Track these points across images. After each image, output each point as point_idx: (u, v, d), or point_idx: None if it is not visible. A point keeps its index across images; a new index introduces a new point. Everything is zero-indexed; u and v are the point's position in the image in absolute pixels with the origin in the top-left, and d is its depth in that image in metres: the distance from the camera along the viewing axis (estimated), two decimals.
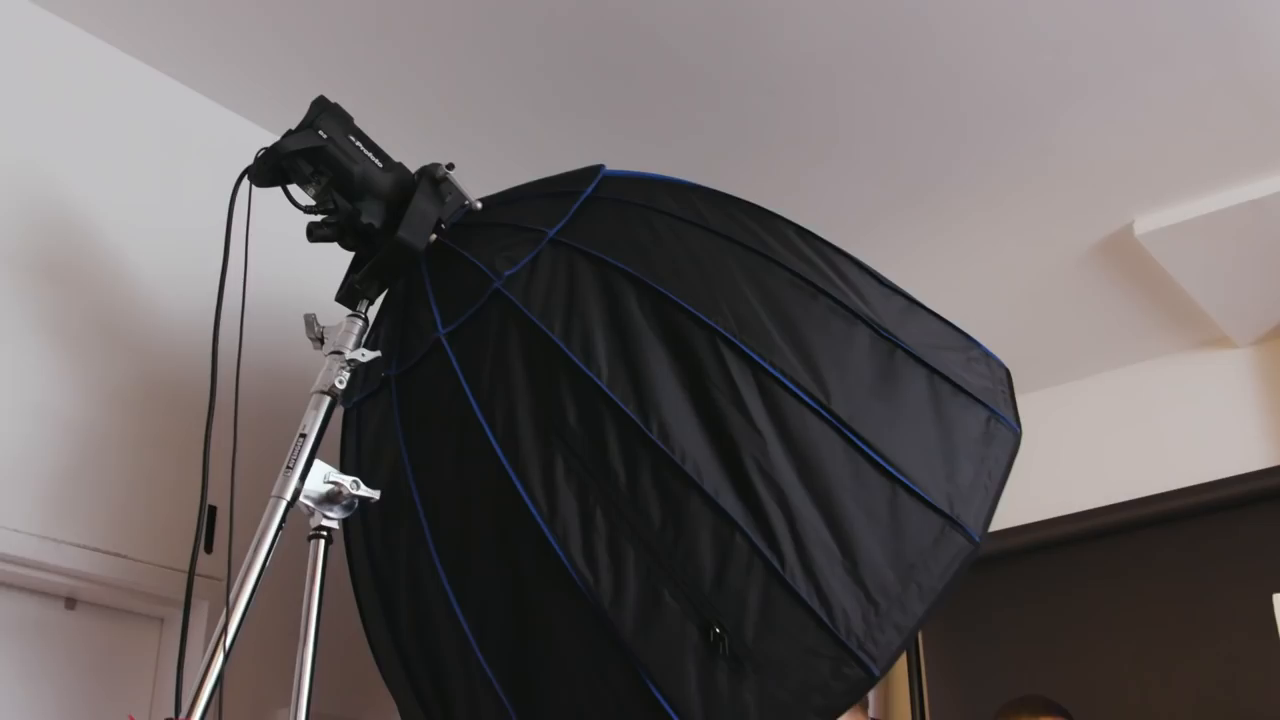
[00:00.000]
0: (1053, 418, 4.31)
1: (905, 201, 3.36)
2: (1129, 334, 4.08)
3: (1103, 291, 3.81)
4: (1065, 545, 4.01)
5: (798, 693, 1.70)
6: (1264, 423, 3.99)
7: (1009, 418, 1.99)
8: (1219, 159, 3.23)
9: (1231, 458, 3.92)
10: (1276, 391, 4.01)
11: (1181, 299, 3.82)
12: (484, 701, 1.91)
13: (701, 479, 1.77)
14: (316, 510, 1.85)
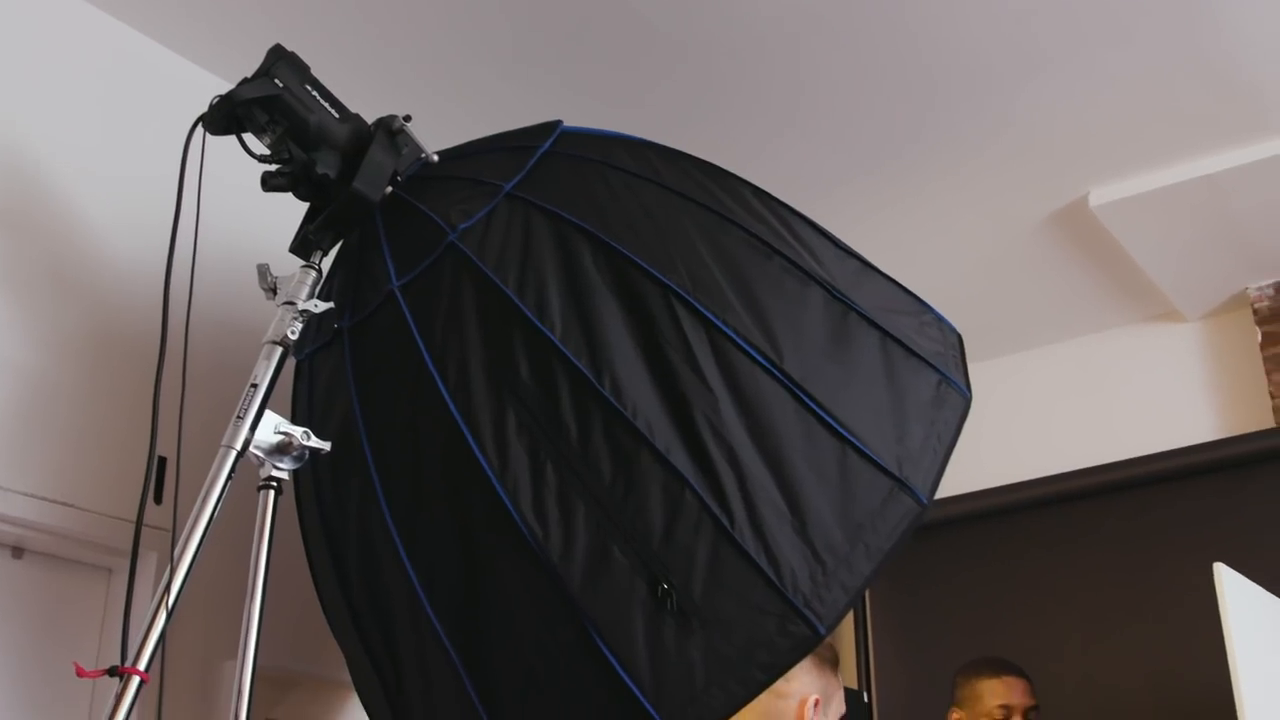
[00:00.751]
0: (1004, 386, 4.35)
1: (865, 169, 3.37)
2: (1081, 306, 4.12)
3: (1056, 263, 3.85)
4: (1014, 512, 4.05)
5: (743, 649, 1.71)
6: (1211, 397, 4.04)
7: (959, 382, 2.00)
8: (1176, 134, 3.25)
9: (1178, 430, 3.97)
10: (1224, 366, 4.06)
11: (1134, 272, 3.86)
12: (432, 655, 1.91)
13: (653, 435, 1.77)
14: (266, 461, 1.84)
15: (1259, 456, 3.70)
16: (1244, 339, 4.01)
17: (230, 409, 1.86)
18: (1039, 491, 4.02)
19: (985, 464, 4.18)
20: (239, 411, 1.83)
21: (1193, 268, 3.84)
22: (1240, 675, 2.32)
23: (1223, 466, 3.75)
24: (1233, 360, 4.05)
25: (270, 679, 2.97)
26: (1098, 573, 3.85)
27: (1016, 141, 3.26)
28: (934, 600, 4.12)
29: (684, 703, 1.71)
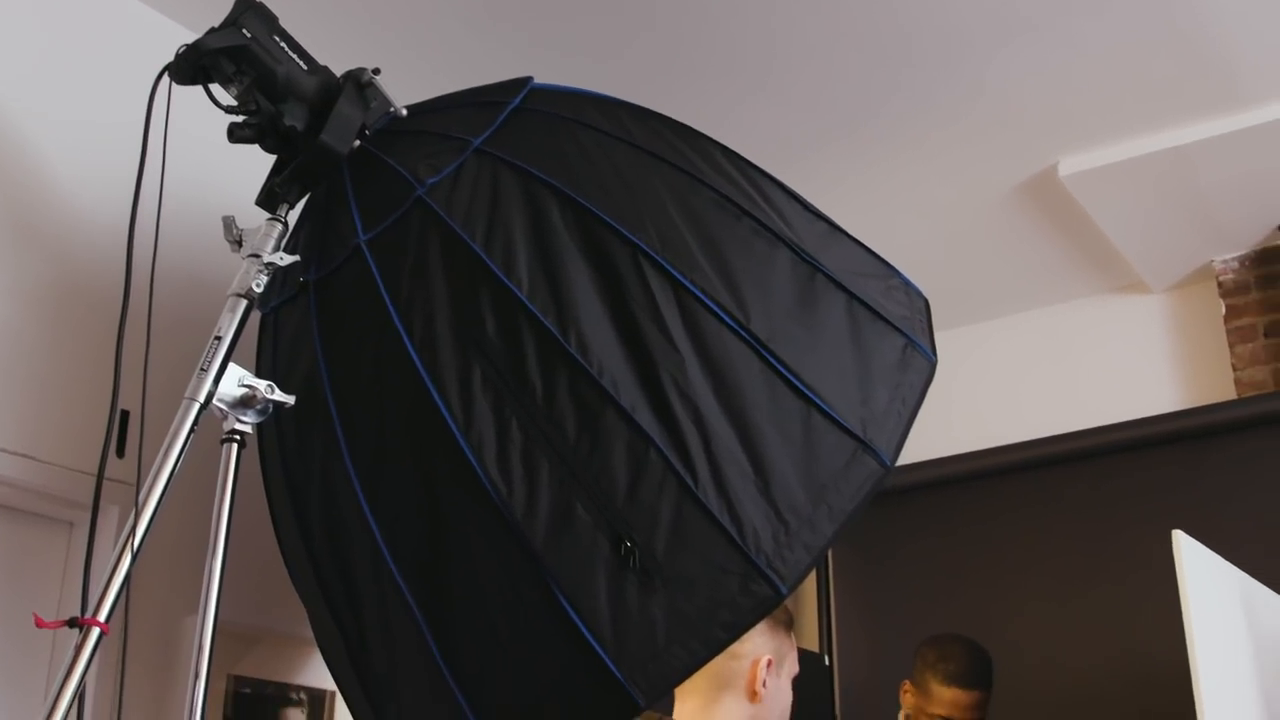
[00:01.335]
0: (970, 354, 4.38)
1: (836, 134, 3.36)
2: (1048, 275, 4.14)
3: (1025, 232, 3.86)
4: (977, 479, 4.08)
5: (705, 608, 1.72)
6: (1174, 368, 4.08)
7: (925, 346, 2.01)
8: (1147, 105, 3.26)
9: (1142, 400, 4.00)
10: (1188, 338, 4.10)
11: (1101, 243, 3.88)
12: (394, 609, 1.91)
13: (618, 394, 1.77)
14: (230, 414, 1.83)
15: (1220, 428, 3.74)
16: (1208, 311, 4.05)
17: (194, 362, 1.84)
18: (1002, 459, 4.05)
19: (949, 431, 4.20)
20: (202, 364, 1.82)
21: (1159, 239, 3.86)
22: (1196, 641, 2.34)
23: (1184, 437, 3.78)
24: (1197, 332, 4.08)
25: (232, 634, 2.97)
26: (1059, 540, 3.88)
27: (988, 109, 3.26)
28: (896, 565, 4.14)
29: (645, 660, 1.71)
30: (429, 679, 1.89)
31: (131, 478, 1.80)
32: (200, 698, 1.67)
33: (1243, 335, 3.92)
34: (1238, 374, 3.88)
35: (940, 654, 3.13)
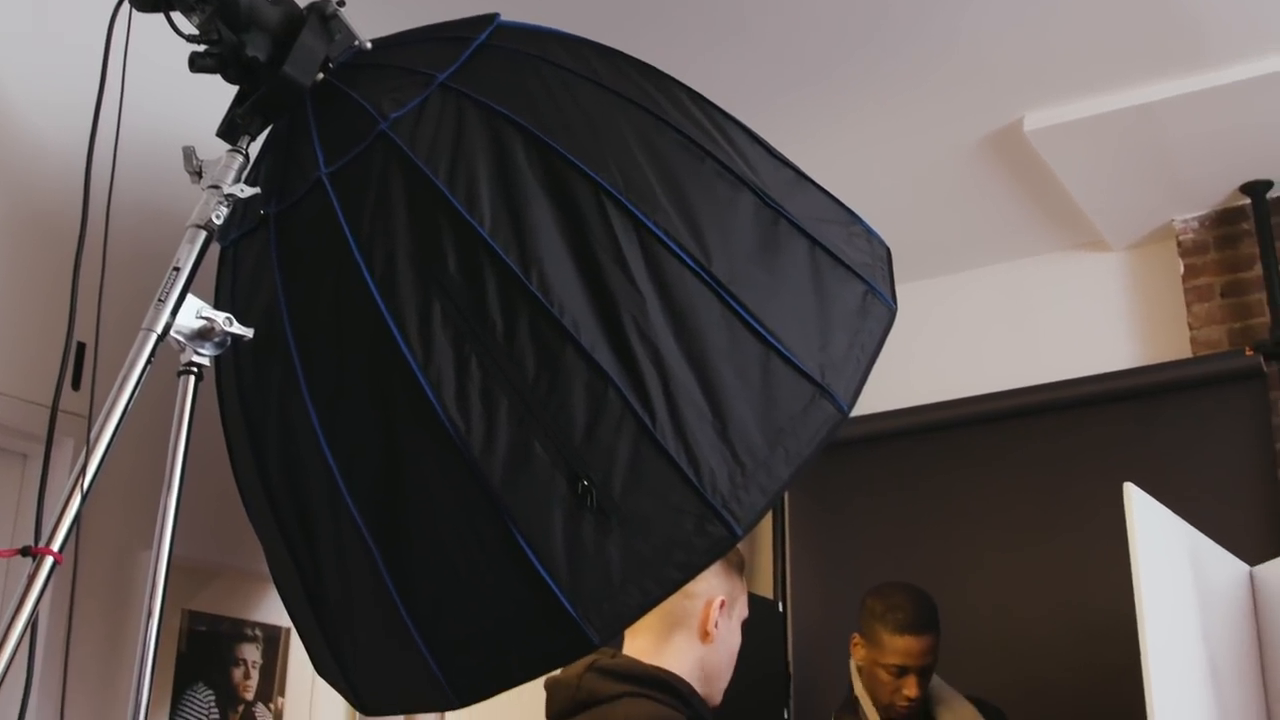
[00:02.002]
0: (929, 307, 4.41)
1: (803, 84, 3.35)
2: (1011, 231, 4.16)
3: (989, 187, 3.87)
4: (934, 431, 4.11)
5: (661, 548, 1.73)
6: (1132, 325, 4.12)
7: (886, 294, 2.01)
8: (1114, 62, 3.27)
9: (1099, 357, 4.04)
10: (1146, 296, 4.13)
11: (1063, 199, 3.90)
12: (350, 546, 1.91)
13: (578, 333, 1.77)
14: (187, 346, 1.81)
15: (1175, 385, 3.78)
16: (1167, 271, 4.08)
17: (151, 295, 1.82)
18: (959, 412, 4.08)
19: (908, 383, 4.23)
20: (160, 295, 1.80)
21: (1121, 198, 3.89)
22: (1144, 592, 2.36)
23: (1139, 394, 3.82)
24: (1155, 291, 4.12)
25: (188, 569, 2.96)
26: (1013, 493, 3.93)
27: (958, 61, 3.26)
28: (852, 515, 4.18)
29: (600, 599, 1.72)
30: (384, 615, 1.89)
31: (86, 410, 1.78)
32: (153, 636, 1.67)
33: (1200, 295, 3.95)
34: (1194, 333, 3.92)
35: (887, 604, 3.15)
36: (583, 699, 2.22)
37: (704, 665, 2.29)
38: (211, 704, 3.08)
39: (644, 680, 2.20)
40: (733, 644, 2.36)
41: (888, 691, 3.12)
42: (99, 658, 2.45)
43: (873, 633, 3.15)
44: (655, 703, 2.15)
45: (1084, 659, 3.60)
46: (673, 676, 2.22)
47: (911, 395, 4.19)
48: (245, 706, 3.17)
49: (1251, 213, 3.88)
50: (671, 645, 2.27)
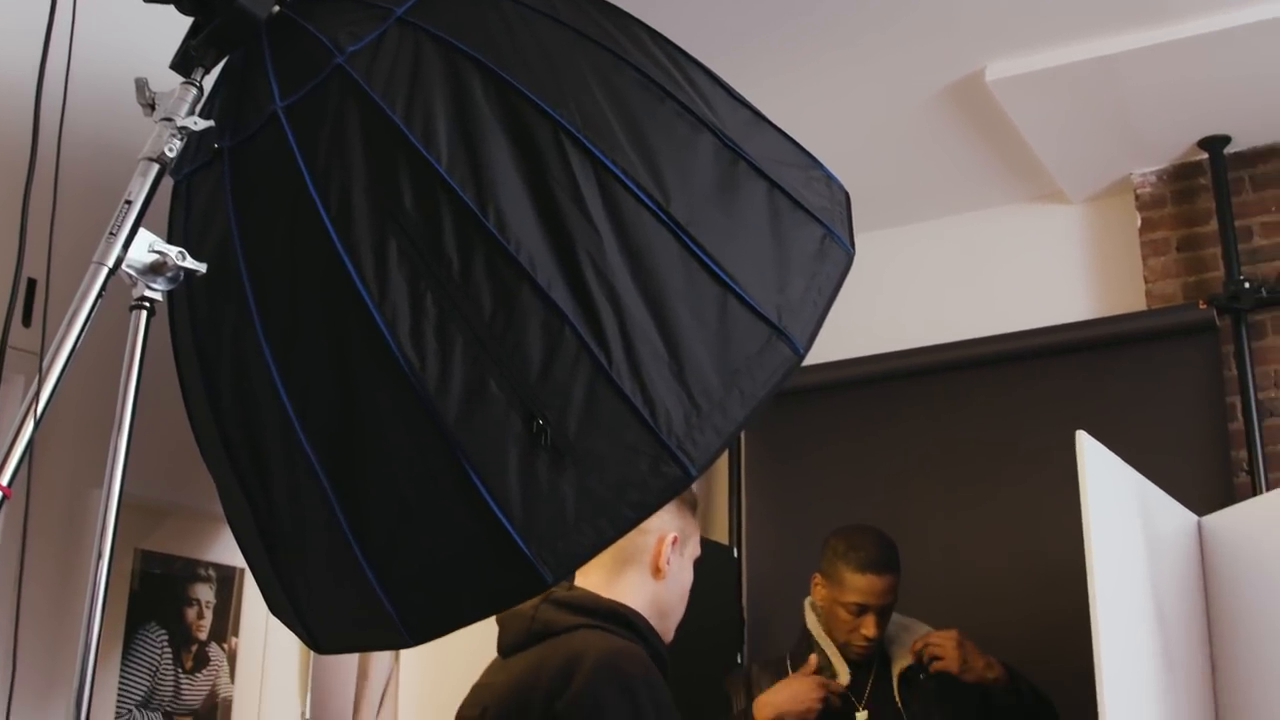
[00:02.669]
0: (890, 258, 4.42)
1: (765, 29, 3.33)
2: (970, 182, 4.17)
3: (949, 137, 3.88)
4: (890, 380, 4.13)
5: (615, 488, 1.73)
6: (1088, 278, 4.15)
7: (844, 238, 2.01)
8: (1077, 13, 3.26)
9: (1055, 308, 4.07)
10: (1102, 249, 4.16)
11: (1023, 151, 3.91)
12: (304, 483, 1.91)
13: (535, 271, 1.76)
14: (140, 281, 1.79)
15: (1129, 337, 3.81)
16: (1124, 224, 4.10)
17: (103, 229, 1.80)
18: (915, 361, 4.10)
19: (865, 332, 4.25)
20: (111, 228, 1.77)
21: (1080, 150, 3.90)
22: (1093, 538, 2.39)
23: (1093, 345, 3.85)
24: (1111, 244, 4.14)
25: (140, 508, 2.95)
26: (968, 442, 3.95)
27: (921, 10, 3.24)
28: (807, 463, 4.20)
29: (554, 538, 1.72)
30: (338, 553, 1.89)
31: (37, 347, 1.76)
32: (103, 577, 1.66)
33: (1156, 249, 3.98)
34: (1149, 286, 3.95)
35: (850, 544, 3.18)
36: (538, 630, 2.23)
37: (657, 601, 2.32)
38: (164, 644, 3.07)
39: (600, 613, 2.22)
40: (685, 581, 2.39)
41: (845, 630, 3.14)
42: (51, 596, 2.44)
43: (835, 571, 3.18)
44: (611, 635, 2.17)
45: (1035, 605, 3.64)
46: (629, 610, 2.24)
47: (868, 344, 4.21)
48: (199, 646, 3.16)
49: (1209, 168, 3.91)
50: (624, 581, 2.29)
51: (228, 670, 3.24)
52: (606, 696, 2.02)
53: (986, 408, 3.96)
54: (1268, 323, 3.76)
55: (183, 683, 3.12)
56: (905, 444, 4.06)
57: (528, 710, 2.09)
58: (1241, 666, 2.85)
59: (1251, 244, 3.84)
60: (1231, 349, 3.72)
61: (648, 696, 2.05)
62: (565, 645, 2.15)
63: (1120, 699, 2.38)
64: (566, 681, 2.06)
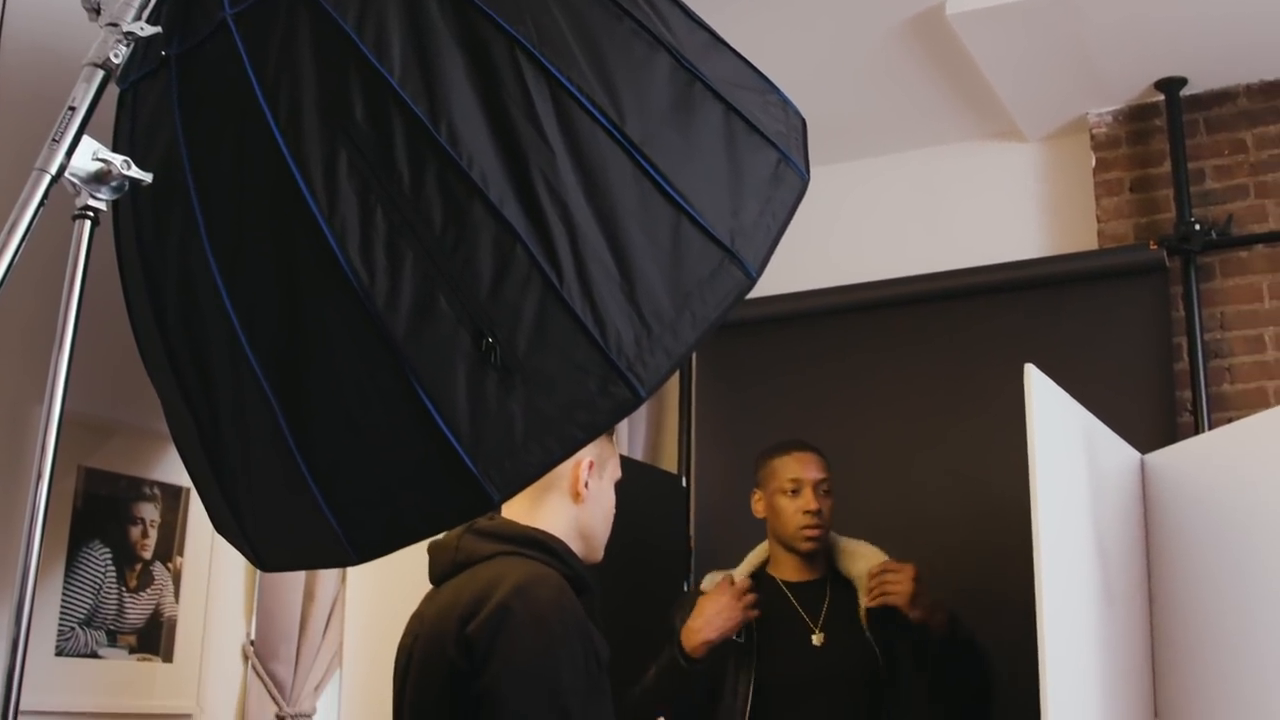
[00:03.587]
0: (846, 191, 4.42)
1: None
2: (927, 117, 4.17)
3: (908, 71, 3.87)
4: (842, 314, 4.14)
5: (564, 407, 1.72)
6: (1041, 216, 4.16)
7: (799, 163, 2.00)
8: None
9: (1008, 245, 4.08)
10: (1056, 188, 4.18)
11: (982, 88, 3.91)
12: (250, 399, 1.89)
13: (487, 186, 1.74)
14: (83, 189, 1.75)
15: (1079, 276, 3.83)
16: (1079, 164, 4.12)
17: (45, 138, 1.76)
18: (866, 295, 4.11)
19: (818, 265, 4.25)
20: (54, 135, 1.74)
21: (1038, 88, 3.90)
22: (1038, 471, 2.41)
23: (1045, 283, 3.87)
24: (1066, 184, 4.16)
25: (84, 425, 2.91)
26: (919, 377, 3.98)
27: None
28: (758, 395, 4.21)
29: (501, 456, 1.72)
30: (284, 470, 1.87)
31: None
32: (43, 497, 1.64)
33: (1109, 189, 4.00)
34: (1101, 226, 3.97)
35: (775, 444, 3.24)
36: (461, 560, 2.26)
37: (578, 525, 2.35)
38: (108, 562, 3.05)
39: (519, 540, 2.24)
40: (606, 504, 2.41)
41: (791, 522, 3.16)
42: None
43: (765, 471, 3.23)
44: (529, 560, 2.19)
45: (980, 537, 3.68)
46: (547, 536, 2.26)
47: (821, 277, 4.21)
48: (143, 565, 3.14)
49: (1164, 109, 3.92)
50: (545, 507, 2.32)
51: (172, 590, 3.22)
52: (515, 614, 2.04)
53: (937, 342, 3.98)
54: (1216, 265, 3.79)
55: (126, 602, 3.10)
56: (856, 377, 4.08)
57: (446, 635, 2.12)
58: (1178, 600, 2.90)
59: (1204, 186, 3.86)
60: (1180, 290, 3.76)
61: (555, 616, 2.07)
62: (484, 573, 2.18)
63: (1060, 630, 2.41)
64: (480, 606, 2.08)
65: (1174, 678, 2.88)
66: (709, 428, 4.28)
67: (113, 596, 3.06)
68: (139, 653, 3.13)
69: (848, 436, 3.95)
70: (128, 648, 3.10)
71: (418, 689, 2.20)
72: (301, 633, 3.66)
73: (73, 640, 2.96)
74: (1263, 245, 3.75)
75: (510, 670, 2.02)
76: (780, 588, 3.20)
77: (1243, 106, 3.88)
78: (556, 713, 2.02)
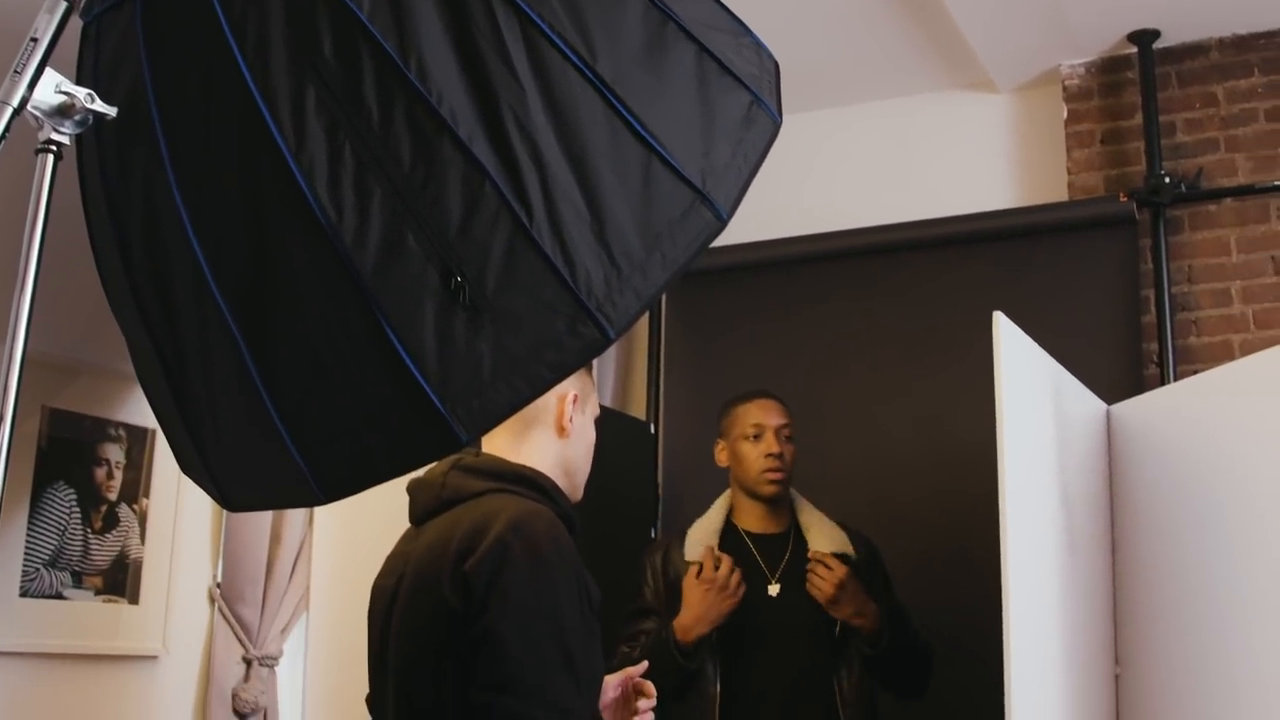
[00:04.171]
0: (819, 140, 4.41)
1: None
2: (901, 67, 4.17)
3: (882, 19, 3.86)
4: (812, 262, 4.14)
5: (532, 347, 1.71)
6: (1012, 168, 4.17)
7: (771, 106, 1.98)
8: None
9: (978, 196, 4.09)
10: (1027, 140, 4.18)
11: (955, 37, 3.90)
12: (217, 338, 1.87)
13: (456, 123, 1.72)
14: (46, 122, 1.72)
15: (1049, 227, 3.85)
16: (1050, 115, 4.12)
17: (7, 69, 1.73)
18: (837, 244, 4.11)
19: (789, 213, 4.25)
20: (16, 66, 1.71)
21: (1011, 39, 3.90)
22: (1005, 418, 2.43)
23: (1015, 234, 3.88)
24: (1037, 135, 4.16)
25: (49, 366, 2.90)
26: (888, 327, 3.99)
27: None
28: (726, 343, 4.22)
29: (469, 395, 1.71)
30: (250, 409, 1.86)
31: None
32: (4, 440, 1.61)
33: (1080, 140, 4.01)
34: (1072, 178, 3.98)
35: (737, 394, 3.28)
36: (448, 497, 2.24)
37: (563, 461, 2.34)
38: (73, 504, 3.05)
39: (508, 477, 2.23)
40: (589, 439, 2.41)
41: (753, 468, 3.18)
42: None
43: (728, 419, 3.26)
44: (520, 498, 2.18)
45: (946, 486, 3.71)
46: (536, 473, 2.25)
47: (792, 226, 4.22)
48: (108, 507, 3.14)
49: (1137, 62, 3.92)
50: (530, 442, 2.31)
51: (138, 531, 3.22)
52: (512, 551, 2.03)
53: (907, 292, 4.00)
54: (1185, 218, 3.81)
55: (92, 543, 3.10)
56: (825, 325, 4.09)
57: (439, 574, 2.09)
58: (1140, 550, 2.93)
59: (1174, 140, 3.87)
60: (1149, 243, 3.77)
61: (554, 553, 2.06)
62: (476, 509, 2.16)
63: (1024, 578, 2.44)
64: (475, 544, 2.06)
65: (1134, 626, 2.91)
66: (678, 375, 4.29)
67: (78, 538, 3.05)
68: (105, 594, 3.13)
69: (817, 385, 3.96)
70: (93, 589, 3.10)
71: (406, 631, 2.18)
72: (268, 576, 3.67)
73: (37, 581, 2.95)
74: (1231, 199, 3.77)
75: (513, 609, 2.01)
76: (742, 537, 3.22)
77: (1214, 60, 3.89)
78: (560, 653, 2.01)
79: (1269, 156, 3.76)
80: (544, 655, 2.01)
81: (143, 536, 3.25)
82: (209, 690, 3.48)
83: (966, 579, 3.17)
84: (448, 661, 2.06)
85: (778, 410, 3.23)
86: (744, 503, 3.26)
